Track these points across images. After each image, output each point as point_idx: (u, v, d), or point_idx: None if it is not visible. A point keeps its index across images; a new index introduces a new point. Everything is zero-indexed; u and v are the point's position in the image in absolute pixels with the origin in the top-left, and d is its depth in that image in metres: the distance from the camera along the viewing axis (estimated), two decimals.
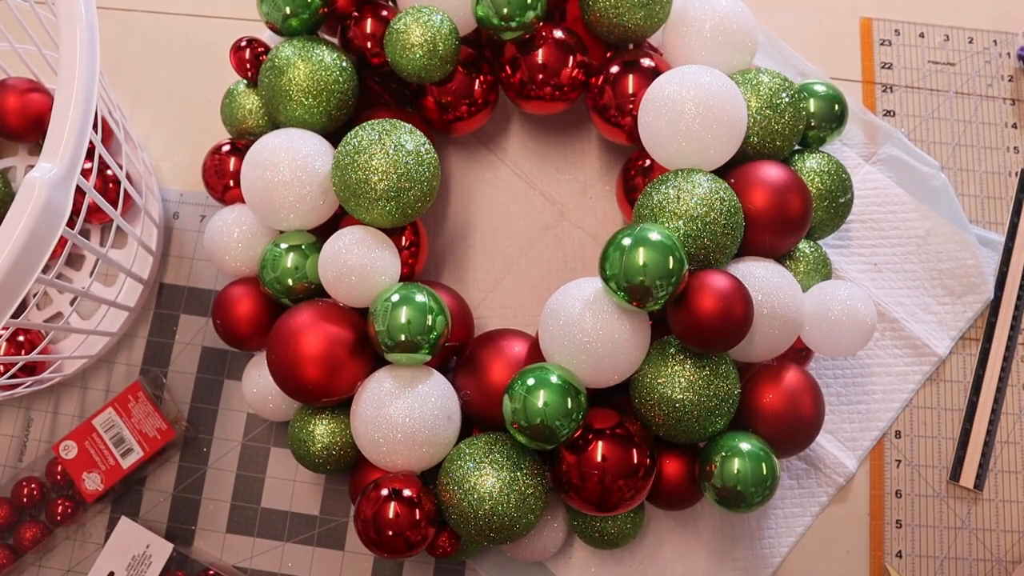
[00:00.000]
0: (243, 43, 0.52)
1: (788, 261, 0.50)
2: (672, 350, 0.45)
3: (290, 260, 0.48)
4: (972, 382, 0.57)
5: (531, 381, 0.43)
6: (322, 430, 0.48)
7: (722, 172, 0.48)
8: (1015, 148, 0.61)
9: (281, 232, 0.50)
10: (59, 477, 0.53)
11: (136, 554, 0.51)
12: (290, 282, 0.48)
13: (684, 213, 0.45)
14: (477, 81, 0.54)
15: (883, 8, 0.64)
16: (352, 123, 0.50)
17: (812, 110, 0.52)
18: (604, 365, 0.44)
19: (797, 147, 0.53)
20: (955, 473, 0.55)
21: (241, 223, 0.51)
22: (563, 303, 0.45)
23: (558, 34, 0.53)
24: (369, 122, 0.48)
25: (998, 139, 0.61)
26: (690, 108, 0.46)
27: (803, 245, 0.51)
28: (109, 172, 0.56)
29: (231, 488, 0.55)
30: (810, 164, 0.51)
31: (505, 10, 0.50)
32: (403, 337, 0.44)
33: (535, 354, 0.47)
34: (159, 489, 0.55)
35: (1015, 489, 0.55)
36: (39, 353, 0.54)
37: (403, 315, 0.44)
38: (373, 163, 0.46)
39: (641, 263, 0.41)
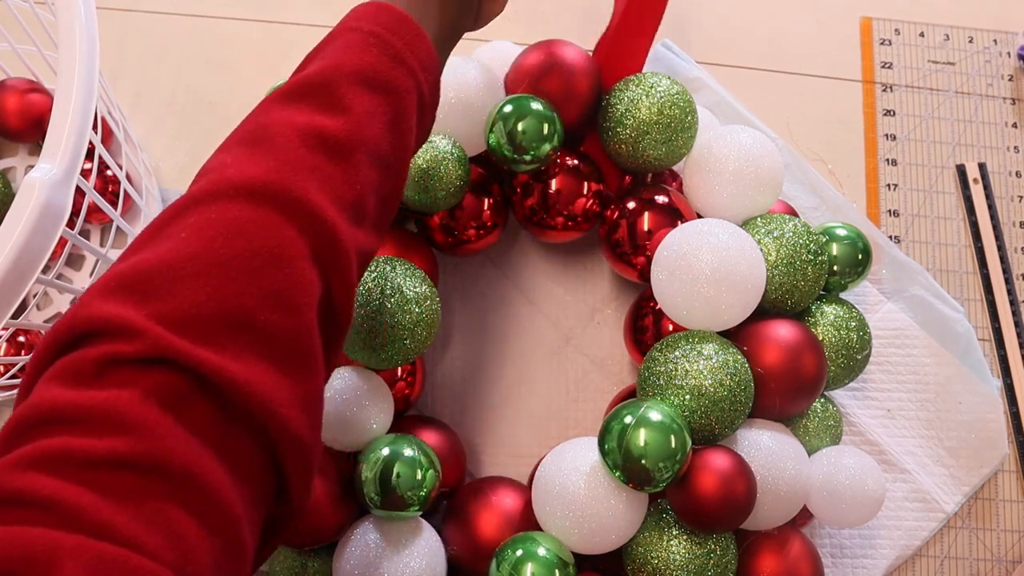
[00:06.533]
0: None
1: (797, 418, 0.48)
2: (668, 517, 0.44)
3: None
4: None
5: (520, 552, 0.42)
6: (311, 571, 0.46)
7: (735, 329, 0.46)
8: (1015, 148, 0.61)
9: None
10: None
11: None
12: None
13: (692, 388, 0.43)
14: (486, 202, 0.51)
15: (883, 8, 0.64)
16: None
17: (834, 254, 0.49)
18: (597, 539, 0.43)
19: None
20: None
21: None
22: (559, 469, 0.44)
23: (573, 162, 0.50)
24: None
25: (998, 138, 0.61)
26: (705, 271, 0.43)
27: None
28: (109, 172, 0.56)
29: None
30: (829, 315, 0.48)
31: (520, 141, 0.47)
32: (392, 494, 0.43)
33: (528, 512, 0.46)
34: None
35: (1015, 489, 0.55)
36: None
37: (393, 471, 0.43)
38: (369, 309, 0.43)
39: (642, 443, 0.40)
